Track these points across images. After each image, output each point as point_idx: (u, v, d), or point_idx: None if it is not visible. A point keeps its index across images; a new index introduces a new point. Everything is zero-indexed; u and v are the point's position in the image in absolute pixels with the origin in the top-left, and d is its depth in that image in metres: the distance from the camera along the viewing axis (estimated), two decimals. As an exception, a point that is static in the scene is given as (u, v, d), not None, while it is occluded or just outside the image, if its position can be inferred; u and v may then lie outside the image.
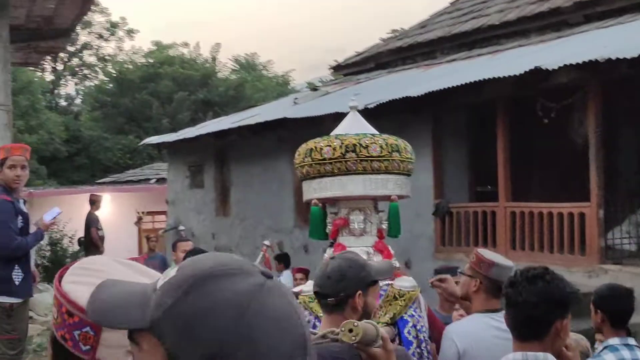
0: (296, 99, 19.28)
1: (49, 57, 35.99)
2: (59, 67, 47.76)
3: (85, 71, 48.77)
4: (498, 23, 16.48)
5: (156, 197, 25.25)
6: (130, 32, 47.97)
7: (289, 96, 23.82)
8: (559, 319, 3.22)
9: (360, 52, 21.19)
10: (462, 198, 14.24)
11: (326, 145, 4.72)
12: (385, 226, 4.85)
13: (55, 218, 8.27)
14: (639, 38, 10.90)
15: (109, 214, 22.81)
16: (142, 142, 27.40)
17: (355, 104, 5.26)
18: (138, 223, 21.84)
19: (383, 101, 12.76)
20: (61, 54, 41.75)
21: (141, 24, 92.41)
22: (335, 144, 4.70)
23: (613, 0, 14.27)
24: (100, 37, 47.61)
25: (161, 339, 1.22)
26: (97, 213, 17.64)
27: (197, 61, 45.17)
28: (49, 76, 47.21)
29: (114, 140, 39.71)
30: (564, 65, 10.56)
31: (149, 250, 15.07)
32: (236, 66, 47.95)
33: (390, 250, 4.82)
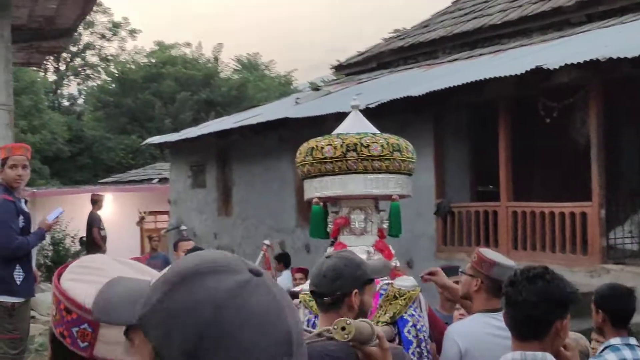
0: (298, 98, 19.28)
1: (51, 57, 36.06)
2: (62, 67, 47.82)
3: (87, 71, 48.82)
4: (500, 22, 16.47)
5: (158, 197, 25.27)
6: (133, 32, 48.03)
7: (290, 96, 23.81)
8: (558, 319, 3.21)
9: (362, 52, 21.19)
10: (464, 198, 14.23)
11: (327, 144, 4.72)
12: (386, 225, 4.84)
13: (58, 218, 8.27)
14: (640, 37, 10.90)
15: (111, 213, 22.83)
16: (145, 142, 27.41)
17: (357, 103, 5.25)
18: (140, 223, 21.83)
19: (384, 101, 12.76)
20: (64, 54, 41.81)
21: (144, 24, 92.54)
22: (336, 143, 4.69)
23: (615, 0, 14.27)
24: (103, 37, 47.64)
25: (147, 335, 1.23)
26: (99, 213, 17.63)
27: (200, 61, 45.17)
28: (51, 76, 47.33)
29: (116, 140, 39.73)
30: (566, 64, 10.55)
31: (152, 250, 15.08)
32: (238, 66, 47.94)
33: (391, 249, 4.81)
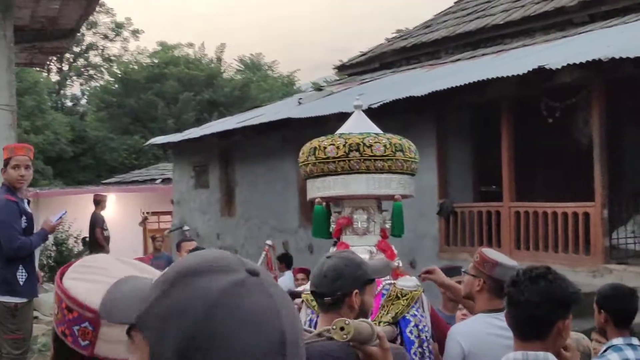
0: (300, 99, 19.28)
1: (54, 58, 36.09)
2: (65, 67, 47.88)
3: (90, 72, 48.89)
4: (502, 23, 16.47)
5: (161, 197, 25.28)
6: (136, 33, 48.09)
7: (293, 96, 23.82)
8: (561, 319, 3.21)
9: (364, 52, 21.20)
10: (467, 198, 14.23)
11: (330, 144, 4.71)
12: (388, 225, 4.83)
13: (61, 218, 8.26)
14: (643, 37, 10.90)
15: (114, 214, 22.85)
16: (148, 142, 27.43)
17: (360, 103, 5.24)
18: (142, 223, 21.86)
19: (387, 101, 12.76)
20: (67, 55, 41.92)
21: (146, 24, 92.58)
22: (339, 142, 4.69)
23: (617, 0, 14.26)
24: (106, 37, 47.71)
25: (144, 334, 1.24)
26: (102, 213, 17.64)
27: (202, 61, 45.20)
28: (54, 77, 47.40)
29: (119, 140, 39.76)
30: (568, 64, 10.54)
31: (155, 250, 15.09)
32: (241, 66, 47.94)
33: (393, 249, 4.81)
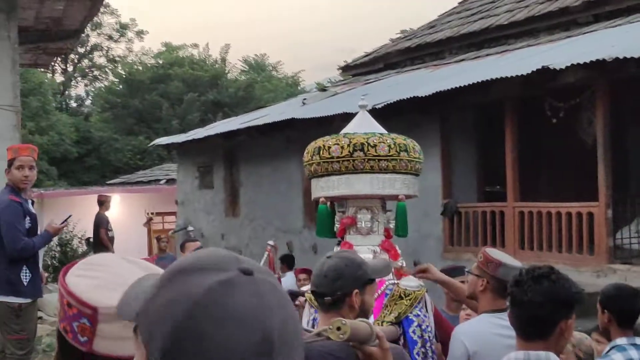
0: (305, 99, 19.27)
1: (58, 59, 36.08)
2: (69, 68, 47.93)
3: (95, 72, 48.97)
4: (506, 23, 16.46)
5: (166, 197, 25.28)
6: (140, 34, 48.13)
7: (297, 97, 23.82)
8: (563, 319, 3.21)
9: (369, 53, 21.20)
10: (471, 198, 14.22)
11: (334, 144, 4.73)
12: (392, 225, 4.84)
13: (66, 222, 8.26)
14: (647, 37, 10.89)
15: (119, 214, 22.86)
16: (152, 143, 27.44)
17: (365, 103, 5.25)
18: (147, 224, 21.87)
19: (391, 101, 12.76)
20: (71, 56, 41.95)
21: (151, 25, 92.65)
22: (343, 142, 4.70)
23: (621, 0, 14.25)
24: (110, 38, 47.76)
25: (140, 332, 1.25)
26: (107, 214, 17.64)
27: (207, 62, 45.25)
28: (59, 77, 47.50)
29: (124, 141, 39.81)
30: (572, 64, 10.53)
31: (160, 251, 15.10)
32: (245, 67, 47.99)
33: (397, 249, 4.82)
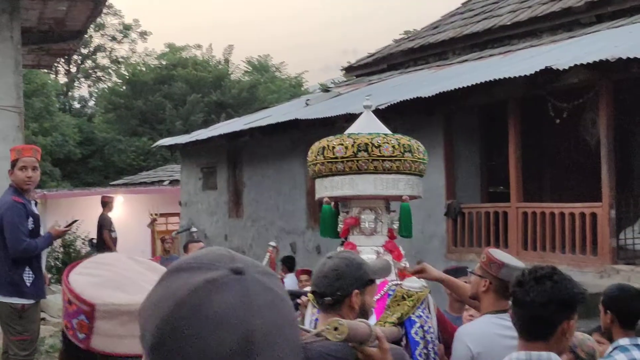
0: (308, 100, 19.28)
1: (61, 60, 36.18)
2: (73, 69, 47.99)
3: (98, 73, 49.02)
4: (509, 23, 16.45)
5: (169, 198, 25.28)
6: (143, 34, 48.19)
7: (301, 97, 23.81)
8: (565, 320, 3.21)
9: (372, 54, 21.20)
10: (474, 198, 14.21)
11: (339, 144, 4.72)
12: (396, 226, 4.83)
13: (71, 226, 8.25)
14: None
15: (122, 215, 22.87)
16: (156, 144, 27.44)
17: (370, 103, 5.24)
18: (151, 225, 21.86)
19: (395, 102, 12.76)
20: (74, 57, 42.03)
21: (154, 26, 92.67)
22: (347, 142, 4.69)
23: (625, 0, 14.24)
24: (114, 39, 47.82)
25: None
26: (110, 215, 17.65)
27: (210, 63, 45.27)
28: (62, 78, 47.56)
29: (127, 142, 39.81)
30: (575, 65, 10.52)
31: (164, 252, 15.09)
32: (249, 68, 47.97)
33: (400, 250, 4.81)
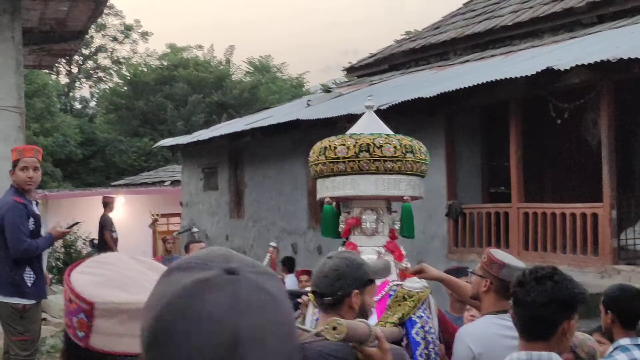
0: (309, 100, 19.29)
1: (63, 60, 36.19)
2: (74, 70, 48.00)
3: (99, 74, 49.04)
4: (511, 24, 16.45)
5: (170, 199, 25.29)
6: (145, 35, 48.20)
7: (302, 98, 23.82)
8: (566, 320, 3.21)
9: (373, 54, 21.21)
10: (475, 199, 14.21)
11: (340, 144, 4.72)
12: (397, 226, 4.83)
13: (72, 228, 8.25)
14: (652, 38, 10.88)
15: (123, 216, 22.89)
16: (157, 144, 27.46)
17: (372, 104, 5.24)
18: (152, 225, 21.87)
19: (396, 102, 12.76)
20: (76, 57, 42.03)
21: (155, 26, 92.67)
22: (349, 143, 4.69)
23: (626, 1, 14.24)
24: (115, 39, 47.84)
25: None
26: (111, 215, 17.67)
27: (212, 64, 45.28)
28: (63, 79, 47.54)
29: (128, 142, 39.82)
30: (577, 65, 10.52)
31: (166, 252, 15.10)
32: (250, 68, 47.99)
33: (401, 250, 4.81)
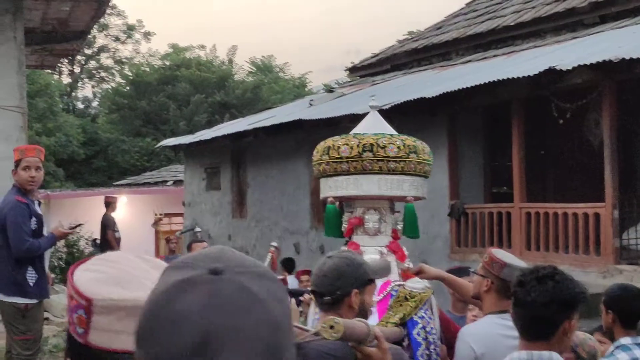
0: (312, 100, 19.29)
1: (65, 60, 36.18)
2: (76, 70, 48.02)
3: (102, 74, 49.02)
4: (513, 24, 16.46)
5: (173, 199, 25.28)
6: (147, 35, 48.19)
7: (304, 98, 23.82)
8: (566, 319, 3.21)
9: (376, 54, 21.21)
10: (478, 199, 14.22)
11: (344, 144, 4.72)
12: (400, 227, 4.83)
13: (74, 229, 8.26)
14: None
15: (125, 216, 22.88)
16: (159, 144, 27.48)
17: (376, 104, 5.24)
18: (155, 225, 21.90)
19: (398, 102, 12.77)
20: (78, 57, 41.99)
21: (158, 26, 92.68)
22: (352, 143, 4.69)
23: (628, 1, 14.24)
24: (117, 39, 47.82)
25: None
26: (113, 215, 17.69)
27: (214, 63, 45.28)
28: (66, 79, 47.57)
29: (131, 142, 39.82)
30: (579, 65, 10.53)
31: (170, 252, 15.15)
32: (253, 68, 47.97)
33: (404, 250, 4.81)
